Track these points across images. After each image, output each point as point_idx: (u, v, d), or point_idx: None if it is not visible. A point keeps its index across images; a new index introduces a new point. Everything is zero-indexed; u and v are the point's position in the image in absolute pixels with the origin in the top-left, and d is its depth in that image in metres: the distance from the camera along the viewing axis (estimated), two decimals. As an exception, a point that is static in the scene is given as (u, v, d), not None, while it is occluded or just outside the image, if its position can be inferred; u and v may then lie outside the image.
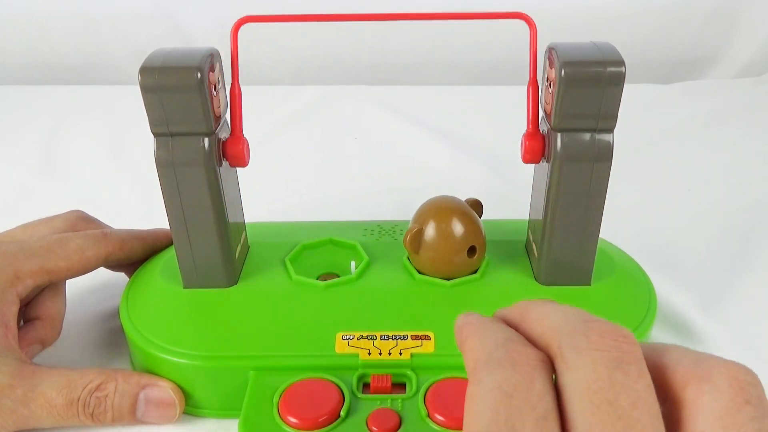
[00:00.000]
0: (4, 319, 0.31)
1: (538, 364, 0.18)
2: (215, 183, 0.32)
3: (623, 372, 0.17)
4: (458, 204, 0.35)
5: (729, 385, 0.17)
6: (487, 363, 0.18)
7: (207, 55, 0.30)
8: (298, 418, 0.28)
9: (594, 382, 0.17)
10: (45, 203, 0.44)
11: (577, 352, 0.17)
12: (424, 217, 0.34)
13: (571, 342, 0.18)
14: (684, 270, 0.43)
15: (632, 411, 0.16)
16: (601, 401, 0.17)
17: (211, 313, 0.33)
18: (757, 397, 0.17)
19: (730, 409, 0.16)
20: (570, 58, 0.29)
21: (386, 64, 0.81)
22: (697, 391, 0.17)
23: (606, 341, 0.18)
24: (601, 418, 0.16)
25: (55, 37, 0.79)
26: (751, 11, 0.78)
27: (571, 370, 0.17)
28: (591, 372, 0.17)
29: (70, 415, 0.30)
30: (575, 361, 0.17)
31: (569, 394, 0.17)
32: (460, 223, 0.34)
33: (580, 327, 0.18)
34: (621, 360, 0.17)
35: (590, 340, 0.18)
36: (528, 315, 0.20)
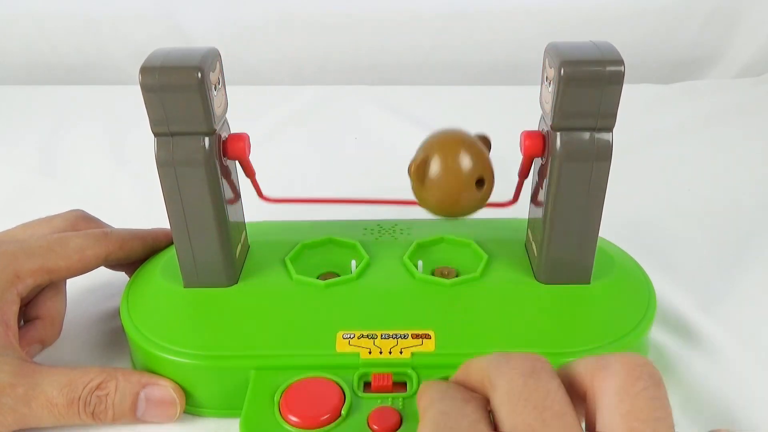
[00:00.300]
0: (5, 318, 0.31)
1: (471, 397, 0.23)
2: (215, 183, 0.32)
3: (535, 378, 0.21)
4: (465, 135, 0.33)
5: (623, 367, 0.20)
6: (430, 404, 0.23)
7: (207, 55, 0.30)
8: (299, 416, 0.28)
9: (513, 389, 0.21)
10: (45, 203, 0.44)
11: (499, 375, 0.22)
12: (430, 148, 0.32)
13: (496, 370, 0.22)
14: (684, 270, 0.43)
15: (544, 401, 0.20)
16: (518, 400, 0.21)
17: (211, 313, 0.34)
18: (648, 373, 0.20)
19: (626, 384, 0.20)
20: (569, 57, 0.29)
21: (386, 64, 0.81)
22: (600, 378, 0.21)
23: (522, 362, 0.22)
24: (520, 411, 0.20)
25: (55, 37, 0.79)
26: (751, 11, 0.78)
27: (496, 388, 0.21)
28: (510, 383, 0.21)
29: (71, 413, 0.30)
30: (498, 380, 0.22)
31: (497, 407, 0.21)
32: (467, 154, 0.32)
33: (501, 358, 0.22)
34: (533, 369, 0.21)
35: (510, 365, 0.22)
36: (469, 368, 0.24)
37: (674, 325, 0.38)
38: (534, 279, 0.35)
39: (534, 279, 0.35)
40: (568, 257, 0.34)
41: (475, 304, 0.33)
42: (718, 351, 0.36)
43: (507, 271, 0.35)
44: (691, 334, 0.37)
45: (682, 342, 0.37)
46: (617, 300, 0.34)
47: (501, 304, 0.33)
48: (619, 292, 0.34)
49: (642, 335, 0.32)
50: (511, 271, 0.35)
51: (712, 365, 0.35)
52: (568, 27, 0.78)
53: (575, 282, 0.34)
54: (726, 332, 0.37)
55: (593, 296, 0.34)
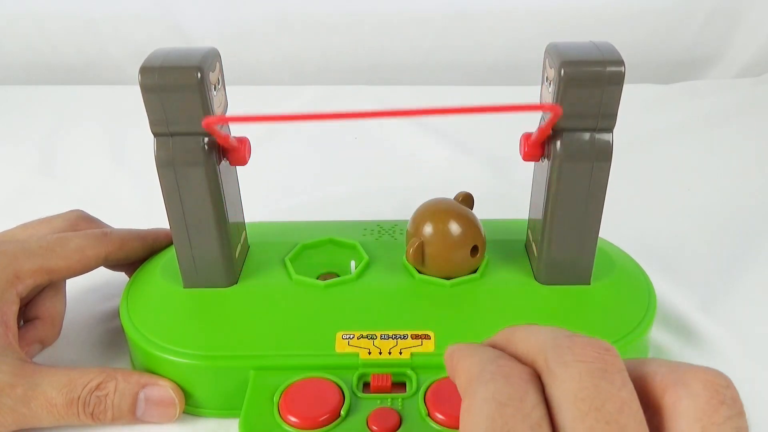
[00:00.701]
0: (4, 319, 0.31)
1: (529, 377, 0.19)
2: (215, 183, 0.32)
3: (608, 381, 0.18)
4: (454, 206, 0.34)
5: (704, 388, 0.18)
6: (480, 377, 0.19)
7: (207, 55, 0.30)
8: (299, 417, 0.28)
9: (581, 391, 0.18)
10: (45, 203, 0.44)
11: (563, 365, 0.18)
12: (423, 226, 0.34)
13: (557, 356, 0.19)
14: (684, 270, 0.43)
15: (619, 416, 0.17)
16: (589, 408, 0.17)
17: (211, 313, 0.33)
18: (731, 398, 0.18)
19: (707, 410, 0.18)
20: (569, 57, 0.29)
21: (386, 64, 0.81)
22: (675, 396, 0.18)
23: (590, 353, 0.19)
24: (590, 424, 0.17)
25: (55, 37, 0.79)
26: (751, 11, 0.78)
27: (558, 382, 0.18)
28: (578, 382, 0.18)
29: (70, 414, 0.30)
30: (562, 373, 0.18)
31: (558, 405, 0.18)
32: (460, 225, 0.34)
33: (564, 342, 0.19)
34: (605, 370, 0.18)
35: (575, 353, 0.19)
36: (513, 337, 0.21)
37: (674, 325, 0.38)
38: (534, 280, 0.35)
39: (534, 280, 0.35)
40: (568, 258, 0.34)
41: (474, 305, 0.33)
42: (718, 351, 0.36)
43: (507, 272, 0.35)
44: (692, 334, 0.37)
45: (683, 342, 0.37)
46: (617, 300, 0.34)
47: (501, 304, 0.33)
48: (619, 293, 0.34)
49: (642, 336, 0.32)
50: (511, 271, 0.35)
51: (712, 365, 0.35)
52: (568, 27, 0.78)
53: (575, 283, 0.34)
54: (726, 332, 0.37)
55: (593, 297, 0.34)
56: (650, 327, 0.33)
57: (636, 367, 0.20)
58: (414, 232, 0.34)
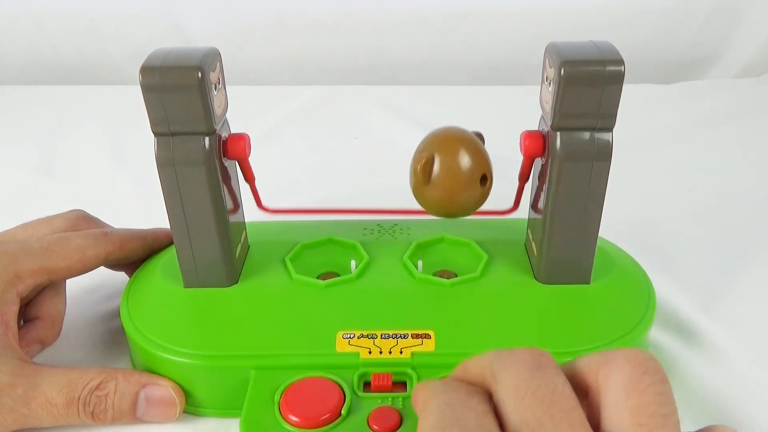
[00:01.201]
0: (4, 319, 0.31)
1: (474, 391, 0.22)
2: (216, 182, 0.32)
3: (541, 372, 0.21)
4: (465, 133, 0.33)
5: (627, 362, 0.20)
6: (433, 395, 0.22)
7: (207, 55, 0.30)
8: (300, 416, 0.28)
9: (519, 383, 0.21)
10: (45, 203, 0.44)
11: (504, 369, 0.21)
12: (433, 147, 0.32)
13: (499, 364, 0.22)
14: (684, 270, 0.43)
15: (552, 395, 0.20)
16: (525, 393, 0.20)
17: (211, 313, 0.34)
18: (653, 367, 0.20)
19: (632, 379, 0.20)
20: (569, 57, 0.29)
21: (386, 64, 0.81)
22: (604, 373, 0.21)
23: (526, 355, 0.22)
24: (528, 404, 0.20)
25: (55, 37, 0.79)
26: (751, 11, 0.78)
27: (501, 383, 0.21)
28: (516, 377, 0.21)
29: (71, 414, 0.30)
30: (503, 375, 0.21)
31: (502, 400, 0.21)
32: (470, 152, 0.32)
33: (504, 353, 0.22)
34: (539, 364, 0.21)
35: (513, 358, 0.22)
36: (466, 366, 0.24)
37: (674, 325, 0.38)
38: (534, 279, 0.35)
39: (534, 279, 0.35)
40: (568, 257, 0.34)
41: (474, 304, 0.33)
42: (717, 351, 0.36)
43: (507, 271, 0.35)
44: (691, 334, 0.37)
45: (682, 342, 0.37)
46: (617, 300, 0.34)
47: (501, 304, 0.33)
48: (619, 292, 0.34)
49: (642, 335, 0.32)
50: (511, 271, 0.35)
51: (711, 365, 0.35)
52: (568, 27, 0.78)
53: (575, 282, 0.34)
54: (726, 332, 0.37)
55: (593, 296, 0.34)
56: (650, 326, 0.33)
57: (569, 364, 0.22)
58: (424, 147, 0.33)
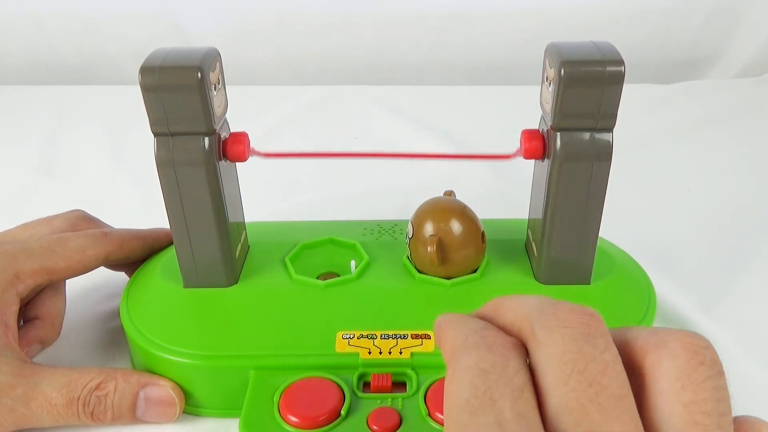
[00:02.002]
0: (4, 319, 0.31)
1: (512, 346, 0.19)
2: (215, 182, 0.32)
3: (591, 344, 0.18)
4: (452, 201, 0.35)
5: (683, 349, 0.18)
6: (464, 347, 0.19)
7: (207, 55, 0.30)
8: (299, 417, 0.28)
9: (564, 354, 0.18)
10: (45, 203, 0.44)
11: (547, 331, 0.18)
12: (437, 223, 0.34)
13: (542, 322, 0.19)
14: (684, 270, 0.43)
15: (601, 378, 0.17)
16: (572, 371, 0.17)
17: (211, 313, 0.33)
18: (710, 358, 0.18)
19: (687, 370, 0.18)
20: (569, 57, 0.29)
21: (386, 64, 0.81)
22: (655, 358, 0.18)
23: (574, 318, 0.19)
24: (573, 387, 0.17)
25: (55, 37, 0.79)
26: (751, 11, 0.78)
27: (542, 346, 0.18)
28: (561, 346, 0.18)
29: (70, 414, 0.30)
30: (546, 338, 0.18)
31: (542, 369, 0.18)
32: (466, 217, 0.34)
33: (548, 308, 0.19)
34: (588, 334, 0.18)
35: (559, 319, 0.19)
36: (501, 308, 0.21)
37: (674, 325, 0.38)
38: (534, 279, 0.35)
39: (534, 279, 0.35)
40: (568, 258, 0.34)
41: (474, 305, 0.33)
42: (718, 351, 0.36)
43: (507, 272, 0.35)
44: (692, 334, 0.37)
45: (682, 342, 0.37)
46: (617, 300, 0.34)
47: (501, 304, 0.33)
48: (619, 293, 0.34)
49: (642, 335, 0.32)
50: (511, 271, 0.35)
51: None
52: (568, 27, 0.78)
53: (575, 282, 0.34)
54: (726, 332, 0.37)
55: (593, 297, 0.34)
56: (650, 325, 0.33)
57: (619, 333, 0.20)
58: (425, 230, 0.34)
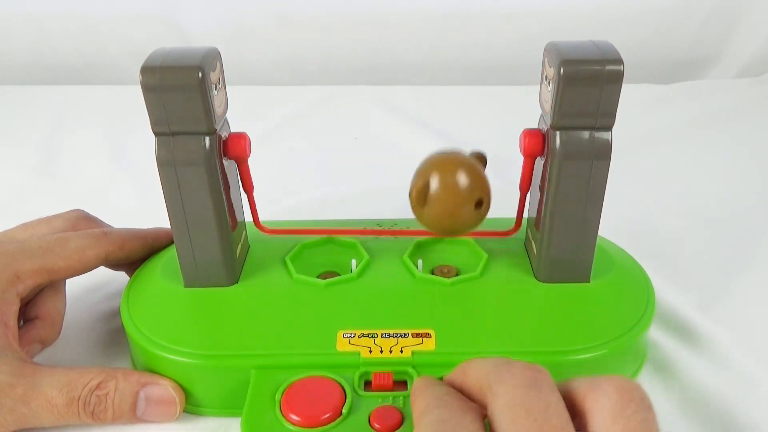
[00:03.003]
0: (4, 319, 0.31)
1: (469, 407, 0.23)
2: (216, 182, 0.32)
3: (536, 389, 0.22)
4: (461, 157, 0.34)
5: (615, 390, 0.22)
6: (427, 410, 0.23)
7: (208, 55, 0.30)
8: (301, 416, 0.28)
9: (513, 399, 0.21)
10: (45, 203, 0.44)
11: (500, 383, 0.22)
12: (429, 171, 0.33)
13: (497, 377, 0.23)
14: (684, 270, 0.43)
15: (545, 414, 0.21)
16: (519, 410, 0.21)
17: (212, 312, 0.34)
18: (639, 396, 0.21)
19: (617, 405, 0.21)
20: (568, 56, 0.29)
21: (386, 64, 0.81)
22: (593, 398, 0.22)
23: (523, 371, 0.22)
24: (521, 423, 0.21)
25: (55, 37, 0.79)
26: (751, 11, 0.78)
27: (497, 397, 0.22)
28: (512, 394, 0.22)
29: (71, 413, 0.30)
30: (500, 389, 0.22)
31: (497, 416, 0.21)
32: (466, 175, 0.33)
33: (503, 366, 0.23)
34: (535, 381, 0.22)
35: (512, 373, 0.22)
36: (467, 370, 0.25)
37: (673, 324, 0.38)
38: (534, 278, 0.35)
39: (534, 278, 0.35)
40: (568, 256, 0.34)
41: (475, 303, 0.33)
42: (717, 350, 0.36)
43: (507, 270, 0.35)
44: (691, 334, 0.37)
45: (682, 341, 0.37)
46: (616, 299, 0.34)
47: (501, 302, 0.34)
48: (619, 291, 0.34)
49: (641, 334, 0.32)
50: (511, 269, 0.35)
51: (711, 365, 0.35)
52: (568, 27, 0.79)
53: (575, 281, 0.34)
54: (725, 332, 0.37)
55: (593, 295, 0.34)
56: (649, 325, 0.33)
57: (562, 384, 0.23)
58: (421, 171, 0.34)
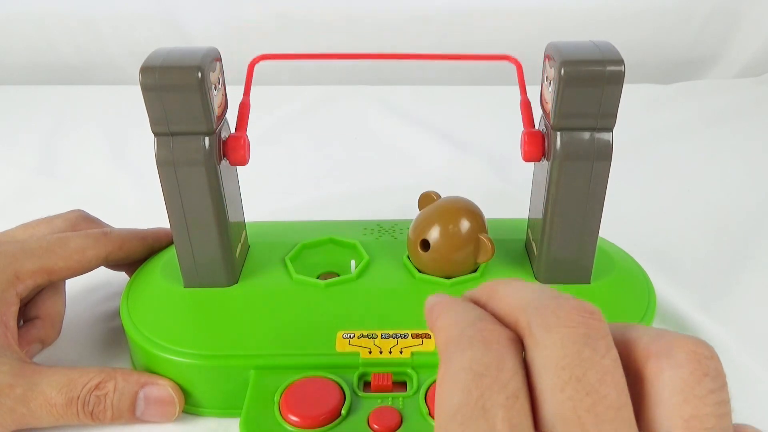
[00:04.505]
0: (4, 319, 0.31)
1: (509, 342, 0.18)
2: (216, 182, 0.32)
3: (591, 348, 0.17)
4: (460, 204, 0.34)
5: (687, 359, 0.17)
6: (459, 342, 0.18)
7: (207, 55, 0.30)
8: (300, 416, 0.28)
9: (562, 359, 0.17)
10: (45, 203, 0.44)
11: (545, 330, 0.18)
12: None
13: (540, 319, 0.18)
14: (684, 270, 0.43)
15: (600, 386, 0.17)
16: (570, 377, 0.17)
17: (211, 313, 0.33)
18: (715, 369, 0.17)
19: (690, 382, 0.17)
20: (569, 57, 0.29)
21: (386, 64, 0.81)
22: (657, 366, 0.18)
23: (574, 317, 0.18)
24: (570, 395, 0.16)
25: (55, 37, 0.79)
26: (751, 11, 0.78)
27: (540, 347, 0.17)
28: (560, 349, 0.17)
29: (70, 413, 0.30)
30: (544, 338, 0.17)
31: (539, 371, 0.17)
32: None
33: (548, 304, 0.18)
34: (588, 336, 0.17)
35: (558, 317, 0.18)
36: (496, 293, 0.20)
37: (674, 324, 0.38)
38: (534, 279, 0.35)
39: (534, 279, 0.35)
40: (568, 257, 0.34)
41: (475, 304, 0.33)
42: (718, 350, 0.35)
43: (507, 271, 0.35)
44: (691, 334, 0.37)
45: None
46: (617, 300, 0.34)
47: (501, 303, 0.33)
48: (619, 292, 0.34)
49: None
50: (511, 270, 0.35)
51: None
52: (568, 27, 0.78)
53: (575, 282, 0.34)
54: (725, 332, 0.37)
55: (593, 296, 0.34)
56: (650, 325, 0.33)
57: (621, 331, 0.19)
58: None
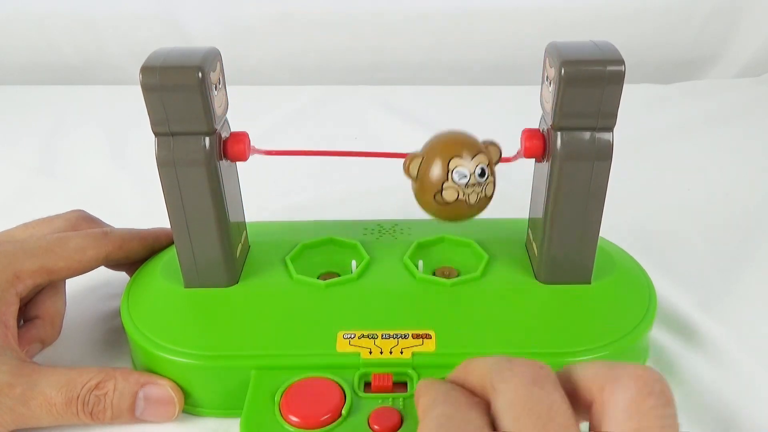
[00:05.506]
0: (4, 319, 0.31)
1: (474, 402, 0.23)
2: (216, 182, 0.32)
3: (539, 387, 0.21)
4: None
5: (634, 382, 0.20)
6: (432, 405, 0.23)
7: (208, 55, 0.30)
8: (300, 417, 0.28)
9: (516, 397, 0.21)
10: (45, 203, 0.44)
11: (503, 381, 0.22)
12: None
13: (499, 376, 0.22)
14: (684, 270, 0.43)
15: (548, 413, 0.20)
16: (522, 409, 0.21)
17: (212, 313, 0.33)
18: (660, 390, 0.20)
19: (635, 400, 0.20)
20: (569, 56, 0.29)
21: (386, 64, 0.81)
22: (609, 391, 0.21)
23: (524, 369, 0.22)
24: (524, 423, 0.20)
25: (55, 37, 0.79)
26: (751, 11, 0.78)
27: (500, 395, 0.22)
28: (514, 392, 0.21)
29: (69, 413, 0.30)
30: (502, 388, 0.22)
31: (500, 414, 0.21)
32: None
33: (504, 364, 0.23)
34: (537, 378, 0.21)
35: (512, 371, 0.22)
36: (469, 368, 0.24)
37: (675, 325, 0.38)
38: (534, 279, 0.35)
39: (534, 279, 0.35)
40: (569, 257, 0.34)
41: (475, 304, 0.33)
42: (718, 351, 0.36)
43: (507, 271, 0.35)
44: (692, 334, 0.37)
45: (683, 342, 0.37)
46: (618, 300, 0.34)
47: (501, 304, 0.33)
48: (620, 292, 0.34)
49: (642, 335, 0.32)
50: (512, 271, 0.35)
51: (712, 365, 0.35)
52: (568, 27, 0.78)
53: (576, 282, 0.34)
54: (726, 332, 0.37)
55: (594, 296, 0.34)
56: (650, 326, 0.33)
57: (572, 371, 0.22)
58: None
